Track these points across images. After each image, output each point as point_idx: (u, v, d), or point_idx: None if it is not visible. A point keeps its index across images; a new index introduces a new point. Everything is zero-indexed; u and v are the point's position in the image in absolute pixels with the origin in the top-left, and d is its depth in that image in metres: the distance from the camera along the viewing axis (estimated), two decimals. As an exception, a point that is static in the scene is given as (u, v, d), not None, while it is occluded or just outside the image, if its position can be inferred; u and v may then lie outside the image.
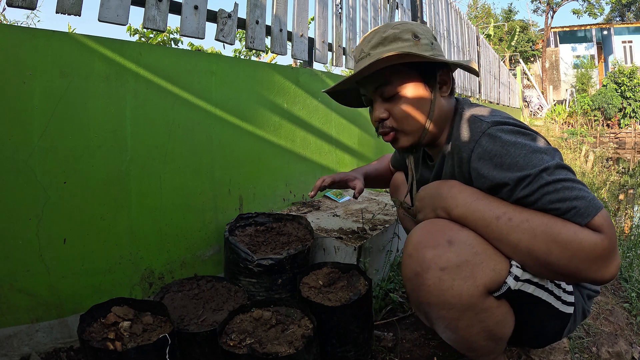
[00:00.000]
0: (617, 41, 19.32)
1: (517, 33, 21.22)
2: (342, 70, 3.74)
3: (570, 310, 0.90)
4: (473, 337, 0.84)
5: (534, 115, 18.32)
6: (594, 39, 20.31)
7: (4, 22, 4.20)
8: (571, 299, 0.90)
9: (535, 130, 0.84)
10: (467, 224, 0.81)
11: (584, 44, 20.97)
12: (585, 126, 13.68)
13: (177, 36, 4.18)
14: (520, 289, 0.81)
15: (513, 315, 0.86)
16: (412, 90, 0.90)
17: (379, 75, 0.90)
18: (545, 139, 0.84)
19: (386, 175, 1.46)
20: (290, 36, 2.04)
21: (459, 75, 5.26)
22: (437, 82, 0.93)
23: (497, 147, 0.79)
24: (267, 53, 4.29)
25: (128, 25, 3.09)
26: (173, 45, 4.22)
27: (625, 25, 19.59)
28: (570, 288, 0.90)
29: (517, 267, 0.79)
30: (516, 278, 0.79)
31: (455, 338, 0.86)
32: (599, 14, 22.59)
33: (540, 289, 0.84)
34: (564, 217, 0.72)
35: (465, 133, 0.86)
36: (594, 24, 20.67)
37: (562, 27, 21.14)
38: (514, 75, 14.67)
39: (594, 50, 20.44)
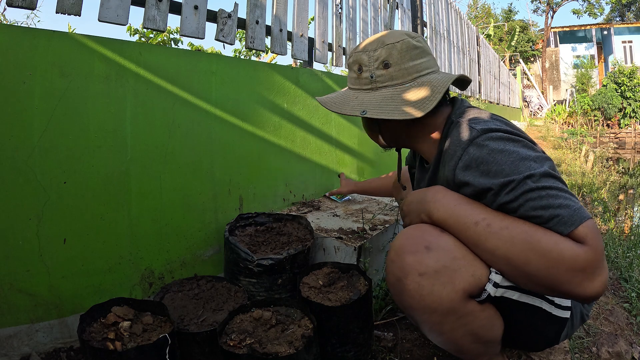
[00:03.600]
0: (617, 41, 19.31)
1: (517, 33, 21.21)
2: (342, 70, 3.74)
3: (566, 314, 0.89)
4: (459, 340, 0.84)
5: (534, 115, 18.31)
6: (594, 39, 20.30)
7: (4, 22, 4.20)
8: (567, 302, 0.89)
9: (530, 138, 0.83)
10: (447, 229, 0.81)
11: (584, 44, 20.96)
12: (585, 126, 13.67)
13: (177, 36, 4.18)
14: (504, 295, 0.80)
15: (500, 318, 0.86)
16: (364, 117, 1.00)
17: None
18: (539, 147, 0.82)
19: (388, 188, 1.63)
20: (290, 36, 2.04)
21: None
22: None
23: (484, 155, 0.77)
24: (267, 53, 4.29)
25: (128, 25, 3.09)
26: (173, 45, 4.22)
27: (625, 25, 19.58)
28: None
29: (496, 273, 0.79)
30: (495, 285, 0.79)
31: (441, 341, 0.86)
32: (599, 14, 22.59)
33: (527, 294, 0.83)
34: (546, 226, 0.70)
35: (456, 141, 0.85)
36: (594, 24, 20.66)
37: (562, 27, 21.13)
38: (514, 75, 14.67)
39: (594, 50, 20.43)
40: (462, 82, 1.00)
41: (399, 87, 0.90)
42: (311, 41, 2.21)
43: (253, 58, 4.44)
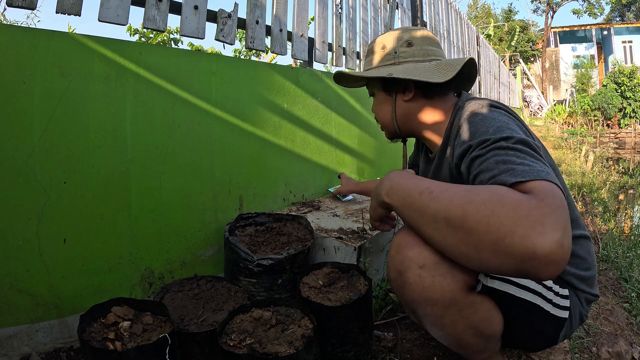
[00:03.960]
0: (617, 41, 19.31)
1: (517, 33, 21.22)
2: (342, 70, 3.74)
3: (564, 314, 0.90)
4: (460, 334, 0.84)
5: (534, 115, 18.32)
6: (594, 39, 20.30)
7: (4, 22, 4.20)
8: (565, 303, 0.89)
9: (529, 127, 0.87)
10: (398, 208, 0.79)
11: (584, 44, 20.96)
12: (585, 126, 13.66)
13: (177, 36, 4.18)
14: (501, 289, 0.82)
15: (499, 313, 0.86)
16: (377, 94, 1.08)
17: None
18: (538, 139, 0.86)
19: None
20: (290, 36, 2.04)
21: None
22: (396, 89, 1.02)
23: (477, 120, 0.84)
24: (267, 53, 4.30)
25: (128, 25, 3.09)
26: (173, 45, 4.22)
27: (625, 25, 19.58)
28: (565, 292, 0.90)
29: None
30: (486, 274, 0.81)
31: (443, 335, 0.87)
32: (599, 14, 22.60)
33: (523, 290, 0.85)
34: (496, 178, 0.67)
35: (461, 117, 0.90)
36: (594, 24, 20.66)
37: (562, 27, 21.13)
38: (514, 75, 14.67)
39: (594, 50, 20.43)
40: (469, 80, 1.08)
41: (420, 63, 0.99)
42: (311, 41, 2.21)
43: (253, 58, 4.44)
